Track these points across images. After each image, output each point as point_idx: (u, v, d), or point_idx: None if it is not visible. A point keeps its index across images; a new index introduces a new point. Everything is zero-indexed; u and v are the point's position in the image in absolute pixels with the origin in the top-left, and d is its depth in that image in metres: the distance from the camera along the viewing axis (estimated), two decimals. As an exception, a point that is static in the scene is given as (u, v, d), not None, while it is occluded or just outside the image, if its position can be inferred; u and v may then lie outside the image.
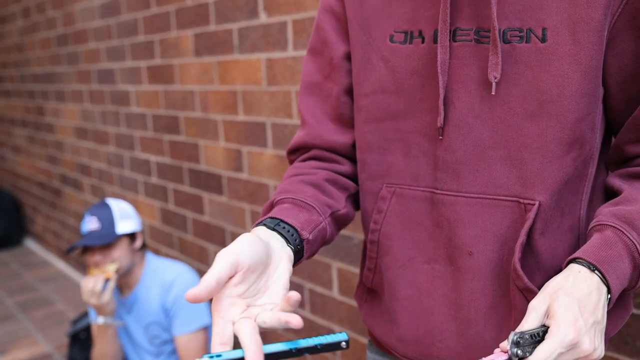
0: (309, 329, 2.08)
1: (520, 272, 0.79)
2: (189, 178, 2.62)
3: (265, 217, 0.83)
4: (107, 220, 2.09)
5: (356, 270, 1.83)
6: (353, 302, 1.87)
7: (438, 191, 0.84)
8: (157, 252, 2.98)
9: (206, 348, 2.09)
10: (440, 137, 0.83)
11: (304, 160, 0.98)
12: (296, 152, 1.00)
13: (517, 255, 0.79)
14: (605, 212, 0.78)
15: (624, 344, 1.24)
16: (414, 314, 0.89)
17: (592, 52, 0.75)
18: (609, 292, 0.72)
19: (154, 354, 2.22)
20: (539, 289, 0.79)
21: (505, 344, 0.65)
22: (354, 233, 1.81)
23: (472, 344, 0.84)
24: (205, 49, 2.34)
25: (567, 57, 0.75)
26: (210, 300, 0.66)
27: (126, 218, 2.14)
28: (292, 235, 0.80)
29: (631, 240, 0.74)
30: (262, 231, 0.78)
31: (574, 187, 0.82)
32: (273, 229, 0.79)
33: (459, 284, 0.84)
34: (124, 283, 2.19)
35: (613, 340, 1.25)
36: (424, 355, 0.89)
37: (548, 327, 0.67)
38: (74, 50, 3.51)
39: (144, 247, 2.21)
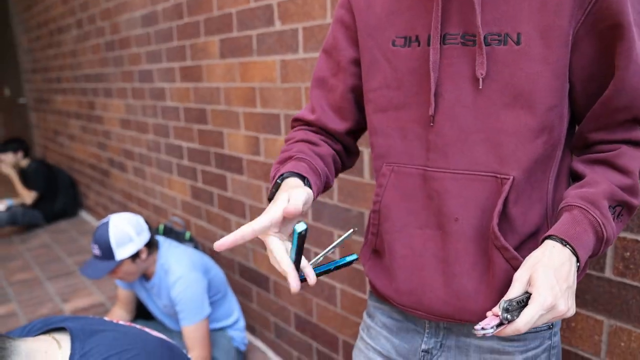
0: (314, 286, 2.05)
1: (498, 233, 0.79)
2: (214, 160, 2.58)
3: (295, 170, 0.87)
4: (106, 248, 1.93)
5: (353, 237, 1.80)
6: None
7: (429, 169, 0.84)
8: (188, 223, 2.96)
9: (207, 336, 2.05)
10: (432, 124, 0.83)
11: (311, 130, 1.00)
12: (299, 121, 1.02)
13: (495, 220, 0.79)
14: (572, 194, 0.79)
15: (575, 297, 1.21)
16: (409, 270, 0.89)
17: (559, 53, 0.74)
18: (577, 261, 0.73)
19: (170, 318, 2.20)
20: (513, 247, 0.81)
21: (497, 309, 0.66)
22: (352, 206, 1.78)
23: (457, 294, 0.84)
24: (228, 52, 2.29)
25: (538, 58, 0.74)
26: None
27: (125, 243, 1.95)
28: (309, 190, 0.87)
29: (595, 217, 0.75)
30: (299, 181, 0.85)
31: (543, 166, 0.81)
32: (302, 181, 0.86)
33: (446, 245, 0.84)
34: (145, 273, 2.13)
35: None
36: (416, 304, 0.88)
37: (530, 294, 0.68)
38: (119, 54, 3.45)
39: (152, 251, 2.07)
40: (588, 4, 0.72)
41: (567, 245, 0.72)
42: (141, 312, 2.57)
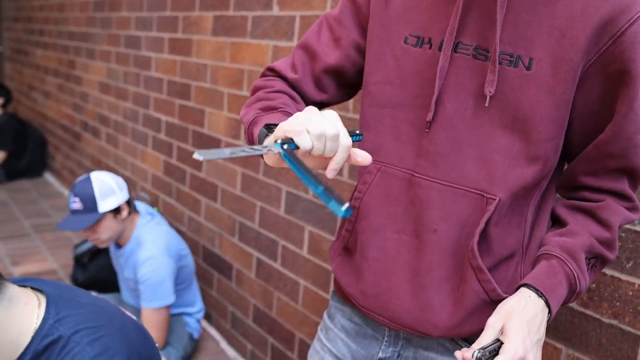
0: (278, 279, 2.05)
1: (477, 253, 0.79)
2: (192, 138, 2.54)
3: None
4: (89, 200, 1.94)
5: (325, 234, 1.80)
6: (318, 261, 1.84)
7: (417, 174, 0.83)
8: (157, 199, 2.91)
9: (166, 323, 2.02)
10: (427, 130, 0.81)
11: (287, 84, 0.94)
12: (275, 72, 0.96)
13: (475, 239, 0.78)
14: (553, 242, 0.80)
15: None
16: (378, 273, 0.87)
17: (566, 86, 0.74)
18: (549, 312, 0.75)
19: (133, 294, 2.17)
20: (487, 269, 0.81)
21: (469, 356, 0.68)
22: (327, 203, 1.77)
23: (423, 306, 0.83)
24: (221, 29, 2.25)
25: (545, 87, 0.74)
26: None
27: (108, 195, 1.97)
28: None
29: (571, 270, 0.77)
30: None
31: (527, 193, 0.81)
32: None
33: (420, 254, 0.83)
34: (118, 240, 2.11)
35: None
36: (380, 309, 0.88)
37: (502, 342, 0.70)
38: (108, 16, 3.38)
39: (132, 212, 2.07)
40: (603, 45, 0.73)
41: (542, 297, 0.74)
42: (95, 284, 2.53)
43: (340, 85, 0.96)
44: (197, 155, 0.57)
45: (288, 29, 1.88)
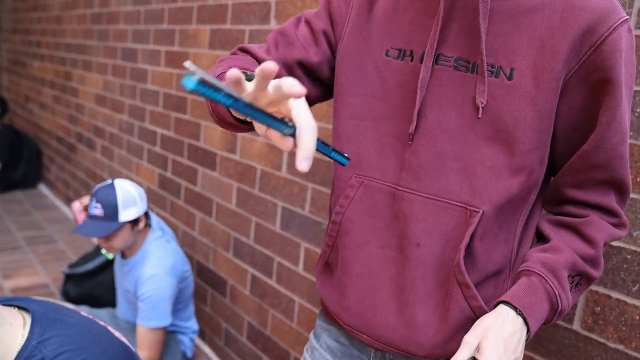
0: (272, 296, 2.00)
1: (463, 268, 0.77)
2: (187, 152, 2.51)
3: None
4: (111, 208, 1.89)
5: (312, 249, 1.76)
6: (314, 279, 1.80)
7: (400, 188, 0.81)
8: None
9: (161, 344, 1.96)
10: (410, 142, 0.80)
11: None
12: (247, 53, 0.90)
13: (461, 254, 0.77)
14: (534, 258, 0.78)
15: (540, 346, 1.19)
16: (362, 289, 0.85)
17: (548, 96, 0.73)
18: (528, 331, 0.73)
19: (131, 308, 2.12)
20: (474, 284, 0.79)
21: None
22: (324, 220, 1.74)
23: (408, 323, 0.81)
24: (218, 43, 2.23)
25: (526, 96, 0.73)
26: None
27: (130, 205, 1.93)
28: None
29: (552, 287, 0.75)
30: None
31: (515, 207, 0.79)
32: None
33: (404, 269, 0.81)
34: (125, 250, 2.06)
35: (531, 342, 1.20)
36: (364, 326, 0.85)
37: None
38: (105, 29, 3.36)
39: (147, 224, 2.03)
40: (583, 55, 0.72)
41: (521, 315, 0.72)
42: (89, 300, 2.49)
43: (312, 82, 0.91)
44: (189, 65, 0.50)
45: (285, 43, 1.85)
